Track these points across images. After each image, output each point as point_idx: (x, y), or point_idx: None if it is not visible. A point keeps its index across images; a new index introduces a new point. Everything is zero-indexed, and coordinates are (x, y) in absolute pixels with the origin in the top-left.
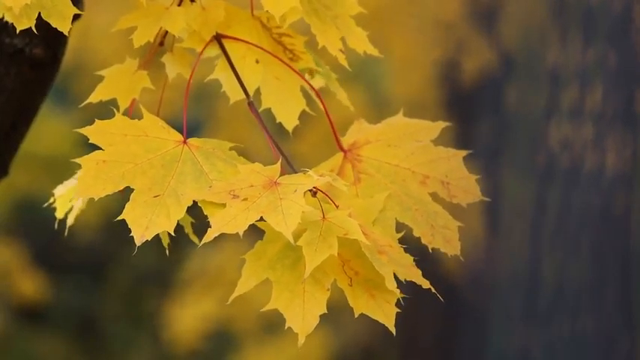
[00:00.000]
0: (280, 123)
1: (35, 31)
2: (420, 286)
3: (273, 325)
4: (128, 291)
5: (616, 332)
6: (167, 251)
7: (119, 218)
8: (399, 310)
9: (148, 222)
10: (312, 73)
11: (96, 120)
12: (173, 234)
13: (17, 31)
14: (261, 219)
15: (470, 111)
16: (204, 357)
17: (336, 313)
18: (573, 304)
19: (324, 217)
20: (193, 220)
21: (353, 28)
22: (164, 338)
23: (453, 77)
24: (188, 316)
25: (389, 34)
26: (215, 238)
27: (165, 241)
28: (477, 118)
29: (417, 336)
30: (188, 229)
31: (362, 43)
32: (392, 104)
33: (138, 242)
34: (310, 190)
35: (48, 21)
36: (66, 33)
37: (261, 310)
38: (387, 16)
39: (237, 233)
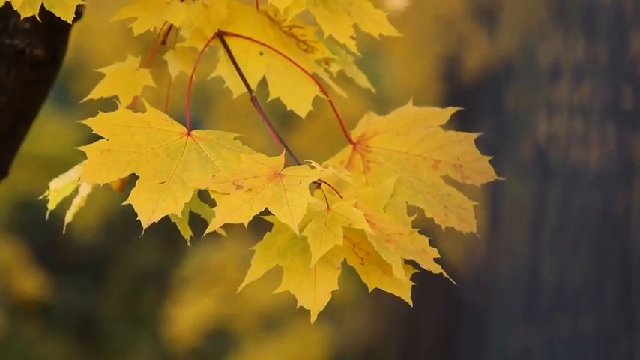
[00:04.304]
0: (283, 119)
1: (39, 19)
2: (424, 282)
3: (273, 324)
4: (128, 291)
5: (616, 332)
6: (188, 243)
7: (125, 203)
8: (414, 283)
9: (155, 206)
10: (328, 62)
11: (99, 112)
12: (181, 216)
13: (21, 17)
14: (266, 211)
15: (470, 109)
16: (203, 355)
17: (337, 312)
18: (573, 304)
19: (328, 207)
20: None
21: (370, 12)
22: (164, 337)
23: (453, 74)
24: (188, 315)
25: None
26: (215, 236)
27: (187, 234)
28: (477, 117)
29: (417, 336)
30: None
31: (379, 26)
32: (392, 102)
33: (145, 225)
34: (315, 182)
35: (51, 11)
36: (70, 22)
37: (273, 293)
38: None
39: (239, 229)
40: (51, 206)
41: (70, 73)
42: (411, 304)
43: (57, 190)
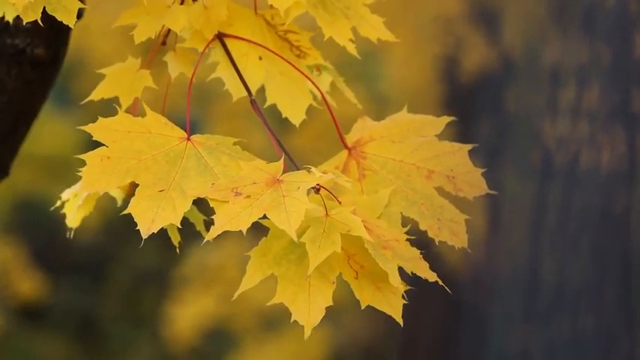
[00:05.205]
0: (281, 120)
1: (41, 23)
2: (424, 282)
3: (273, 323)
4: (128, 291)
5: (616, 332)
6: (177, 249)
7: (125, 213)
8: (405, 302)
9: (154, 215)
10: (319, 69)
11: (99, 117)
12: (180, 226)
13: (24, 22)
14: (265, 216)
15: (470, 110)
16: (203, 355)
17: (337, 312)
18: (573, 304)
19: (327, 214)
20: (206, 218)
21: (367, 17)
22: (164, 337)
23: (452, 75)
24: (188, 315)
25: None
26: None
27: (176, 240)
28: (477, 117)
29: (417, 336)
30: (200, 227)
31: (376, 31)
32: (391, 103)
33: (145, 235)
34: (313, 188)
35: (53, 15)
36: (72, 26)
37: (267, 305)
38: (386, 12)
39: (239, 231)
40: (70, 223)
41: (70, 73)
42: (401, 324)
43: (70, 202)
